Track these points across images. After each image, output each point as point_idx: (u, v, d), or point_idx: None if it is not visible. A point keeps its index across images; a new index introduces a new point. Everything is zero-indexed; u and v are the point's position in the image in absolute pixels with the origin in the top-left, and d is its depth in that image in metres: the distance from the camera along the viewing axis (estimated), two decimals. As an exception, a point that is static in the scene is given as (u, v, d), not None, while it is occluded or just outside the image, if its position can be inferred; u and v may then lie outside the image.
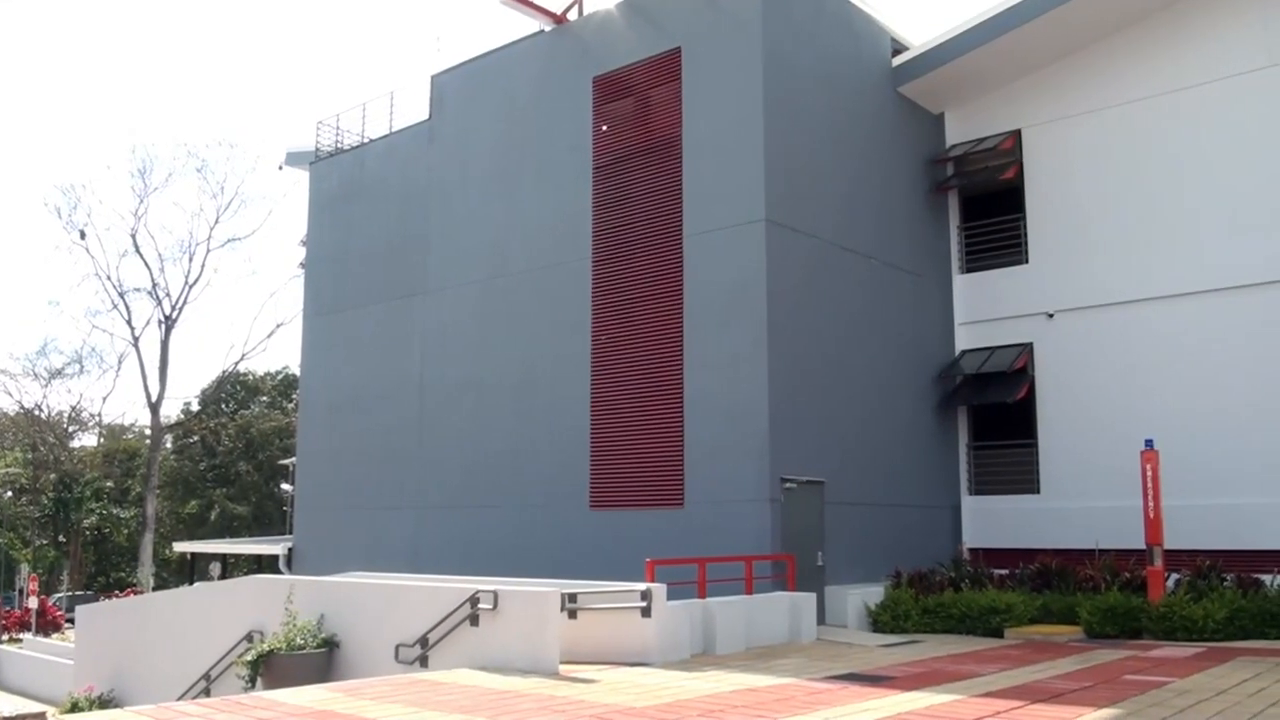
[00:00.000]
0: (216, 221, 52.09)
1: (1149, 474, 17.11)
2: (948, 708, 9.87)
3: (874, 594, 18.50)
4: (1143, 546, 17.30)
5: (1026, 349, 21.90)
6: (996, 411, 22.38)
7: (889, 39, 22.47)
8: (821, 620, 17.84)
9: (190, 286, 51.58)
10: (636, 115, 20.85)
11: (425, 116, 25.14)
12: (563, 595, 13.13)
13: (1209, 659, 13.78)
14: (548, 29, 22.62)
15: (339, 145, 27.71)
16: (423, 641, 13.13)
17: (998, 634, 17.20)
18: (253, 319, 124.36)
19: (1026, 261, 22.31)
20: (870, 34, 21.99)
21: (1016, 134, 22.58)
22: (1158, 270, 20.59)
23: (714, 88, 19.47)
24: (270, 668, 13.60)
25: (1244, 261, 19.66)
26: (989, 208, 23.27)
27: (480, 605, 12.88)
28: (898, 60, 22.39)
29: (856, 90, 21.38)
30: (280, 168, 32.58)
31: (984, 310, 22.77)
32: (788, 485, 18.12)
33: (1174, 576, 17.66)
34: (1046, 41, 21.68)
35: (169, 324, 51.17)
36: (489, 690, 10.83)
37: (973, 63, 21.96)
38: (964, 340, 22.97)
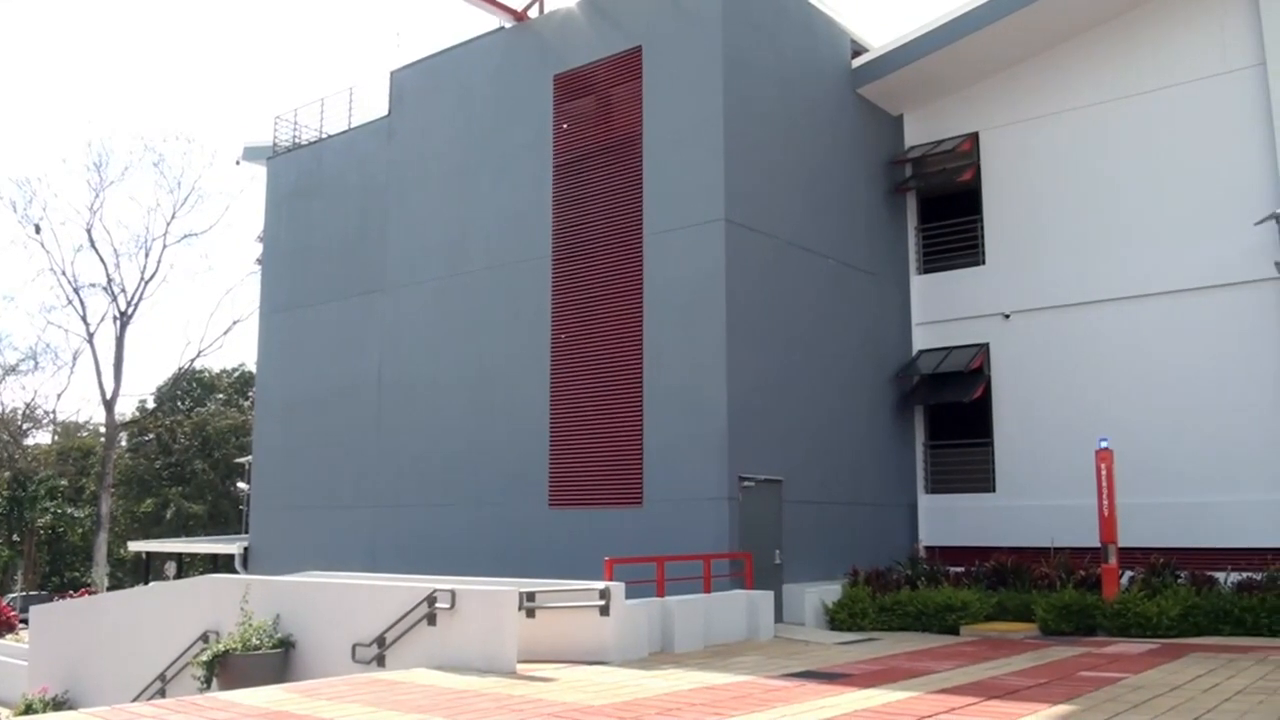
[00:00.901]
0: (173, 217, 51.42)
1: (1103, 473, 17.37)
2: (904, 705, 9.95)
3: (831, 592, 18.60)
4: (1097, 544, 17.58)
5: (983, 349, 22.09)
6: (953, 411, 22.56)
7: (849, 40, 22.59)
8: (779, 618, 17.95)
9: (146, 282, 50.88)
10: (597, 114, 20.83)
11: (384, 113, 25.00)
12: (521, 594, 13.12)
13: (1163, 655, 13.96)
14: (508, 26, 22.56)
15: (297, 141, 27.50)
16: (380, 641, 13.07)
17: (954, 631, 17.37)
18: (209, 316, 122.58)
19: (983, 263, 22.51)
20: (830, 35, 22.09)
21: (974, 136, 22.78)
22: (1112, 272, 20.84)
23: (674, 87, 19.49)
24: (226, 668, 13.50)
25: (1197, 265, 19.94)
26: (947, 209, 23.46)
27: (438, 604, 12.84)
28: (857, 62, 22.52)
29: (816, 91, 21.48)
30: (238, 163, 32.29)
31: (941, 310, 22.96)
32: (746, 484, 18.18)
33: (1128, 574, 17.93)
34: (1004, 46, 21.88)
35: (124, 320, 50.49)
36: (446, 690, 10.80)
37: (931, 65, 22.13)
38: (921, 340, 23.15)
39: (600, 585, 13.76)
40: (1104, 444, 17.62)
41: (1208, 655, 13.90)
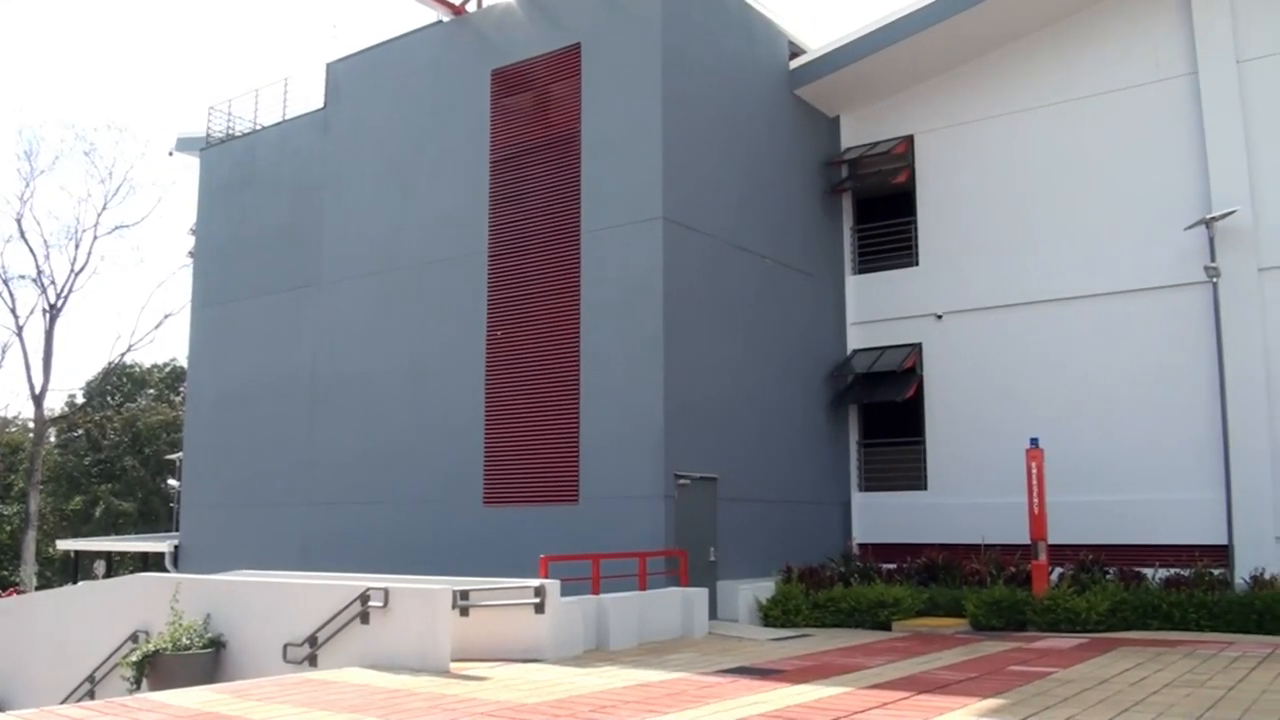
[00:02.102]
0: (104, 207, 50.40)
1: (1033, 471, 17.70)
2: (836, 700, 10.06)
3: (765, 589, 18.73)
4: (1027, 541, 17.91)
5: (916, 349, 22.37)
6: (886, 410, 22.83)
7: (786, 42, 22.75)
8: (714, 615, 18.06)
9: (76, 274, 49.83)
10: (535, 110, 20.78)
11: (320, 105, 24.75)
12: (454, 592, 13.08)
13: (1091, 649, 14.25)
14: (446, 20, 22.43)
15: (231, 132, 27.14)
16: (311, 640, 12.97)
17: (886, 627, 17.57)
18: (140, 309, 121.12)
19: (917, 264, 22.79)
20: (768, 36, 22.23)
21: (909, 139, 23.05)
22: (1044, 275, 21.20)
23: (613, 85, 19.51)
24: (156, 669, 13.32)
25: (1128, 268, 20.36)
26: (882, 210, 23.73)
27: (370, 603, 12.76)
28: (795, 63, 22.69)
29: (754, 91, 21.61)
30: (170, 153, 31.76)
31: (875, 311, 23.21)
32: (682, 482, 18.26)
33: (1058, 570, 18.30)
34: (940, 50, 22.16)
35: (54, 313, 49.45)
36: (379, 689, 10.75)
37: (868, 68, 22.36)
38: (856, 340, 23.39)
39: (535, 583, 13.77)
40: (1034, 443, 17.95)
41: (1136, 649, 14.20)
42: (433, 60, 22.65)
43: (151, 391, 65.63)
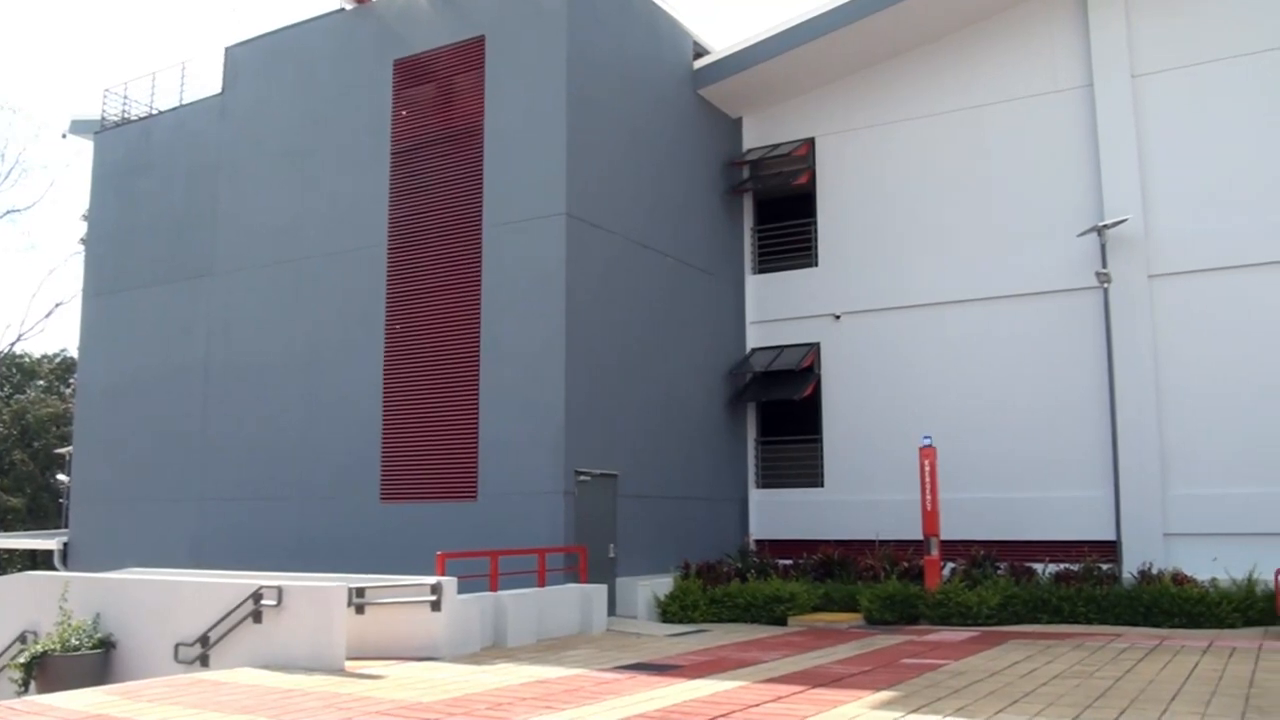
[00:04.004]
0: (-6, 190, 48.90)
1: (927, 469, 18.11)
2: (732, 694, 10.18)
3: (664, 585, 18.86)
4: (921, 537, 18.32)
5: (814, 348, 22.70)
6: (784, 408, 23.14)
7: (691, 42, 22.88)
8: (612, 611, 18.13)
9: (-39, 261, 48.31)
10: (438, 101, 20.61)
11: (218, 90, 24.21)
12: (350, 590, 12.97)
13: (983, 642, 14.61)
14: (349, 7, 22.10)
15: (126, 115, 26.39)
16: (203, 640, 12.75)
17: (782, 622, 17.83)
18: (30, 297, 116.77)
19: (816, 264, 23.12)
20: (673, 36, 22.35)
21: (810, 142, 23.35)
22: (940, 277, 21.66)
23: (517, 79, 19.44)
24: (44, 670, 12.95)
25: (1021, 273, 20.90)
26: (782, 211, 24.02)
27: (264, 601, 12.58)
28: (699, 63, 22.84)
29: (658, 90, 21.70)
30: (64, 136, 30.80)
31: (775, 310, 23.50)
32: (582, 478, 18.30)
33: (950, 565, 18.77)
34: (842, 55, 22.50)
35: (-65, 301, 47.82)
36: (272, 689, 10.61)
37: (771, 70, 22.60)
38: (755, 339, 23.65)
39: (432, 580, 13.70)
40: (927, 441, 18.38)
41: (1026, 642, 14.60)
42: (334, 47, 22.31)
43: (41, 383, 63.64)
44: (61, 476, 44.52)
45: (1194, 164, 19.71)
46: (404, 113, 20.84)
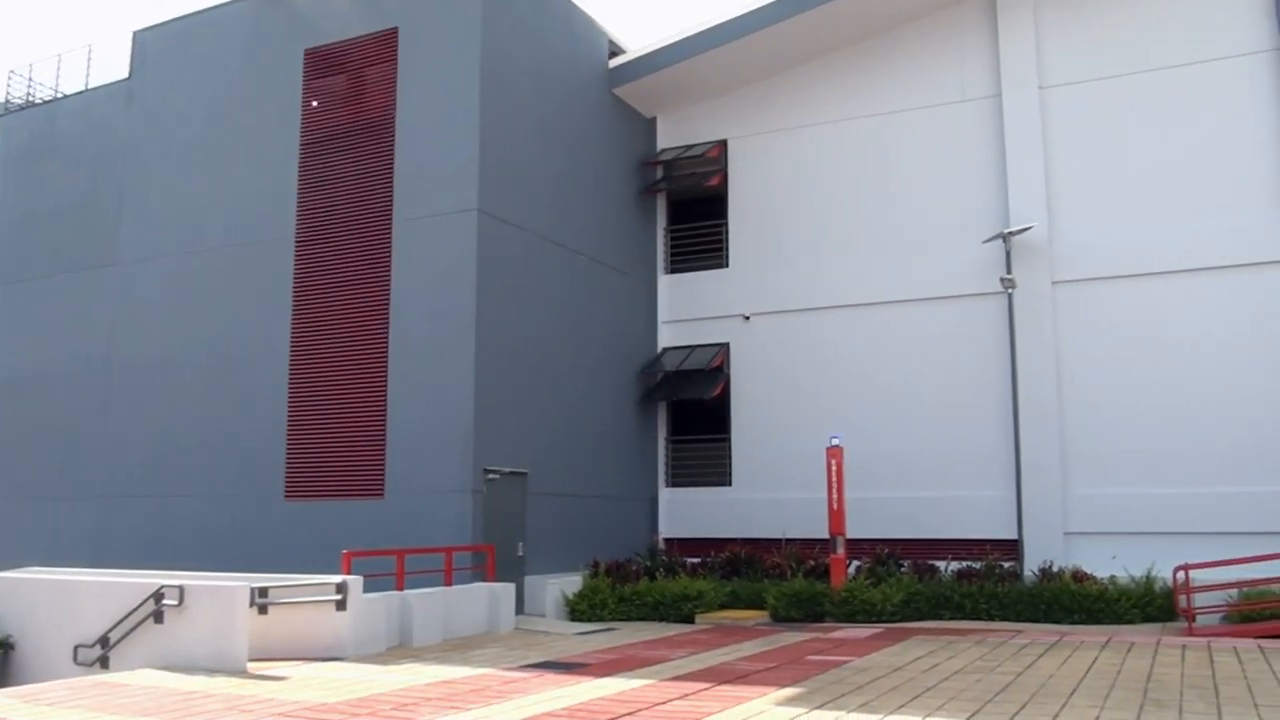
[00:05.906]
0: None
1: (833, 468, 18.37)
2: (638, 692, 10.23)
3: (572, 583, 18.87)
4: (827, 536, 18.56)
5: (724, 348, 22.87)
6: (694, 407, 23.27)
7: (607, 40, 22.90)
8: (521, 610, 18.09)
9: None
10: (349, 93, 20.33)
11: (125, 74, 23.59)
12: (252, 589, 12.79)
13: (886, 639, 14.86)
14: (261, -6, 21.73)
15: (31, 99, 25.59)
16: (103, 641, 12.48)
17: (689, 620, 17.94)
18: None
19: (727, 265, 23.30)
20: (589, 34, 22.34)
21: (723, 144, 23.51)
22: (847, 280, 21.97)
23: (430, 73, 19.26)
24: (-65, 673, 12.59)
25: (927, 277, 21.29)
26: (694, 212, 24.15)
27: (165, 601, 12.36)
28: (614, 62, 22.87)
29: (573, 88, 21.67)
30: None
31: (686, 310, 23.63)
32: (490, 476, 18.21)
33: (855, 564, 19.07)
34: (755, 58, 22.69)
35: None
36: (174, 691, 10.44)
37: (685, 72, 22.72)
38: (666, 338, 23.75)
39: (337, 579, 13.56)
40: (834, 441, 18.63)
41: (929, 638, 14.87)
42: (245, 34, 21.85)
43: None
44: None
45: (1098, 175, 20.27)
46: (315, 104, 20.54)
